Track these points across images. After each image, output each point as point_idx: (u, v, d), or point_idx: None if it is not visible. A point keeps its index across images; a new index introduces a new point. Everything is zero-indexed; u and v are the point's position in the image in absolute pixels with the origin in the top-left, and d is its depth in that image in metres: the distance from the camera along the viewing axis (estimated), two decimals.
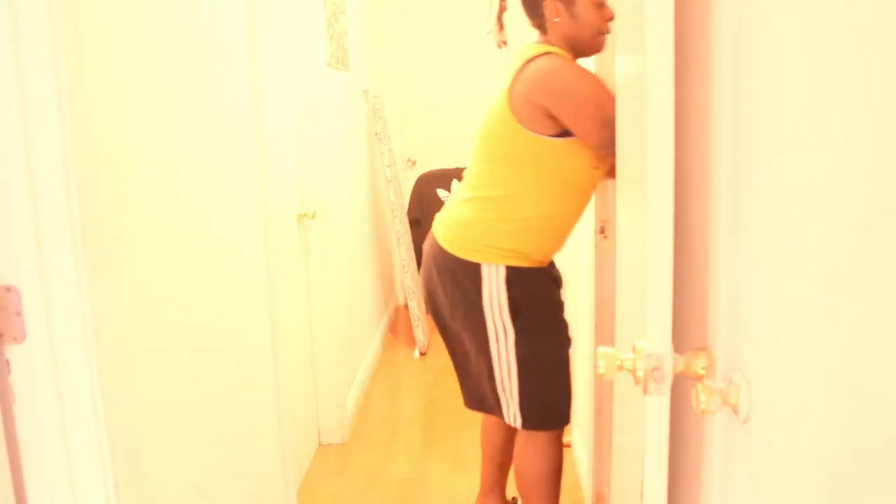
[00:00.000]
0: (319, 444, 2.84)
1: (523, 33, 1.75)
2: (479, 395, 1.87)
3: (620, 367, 0.86)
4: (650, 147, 0.80)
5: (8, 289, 0.88)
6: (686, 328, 0.98)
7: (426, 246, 1.81)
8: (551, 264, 1.84)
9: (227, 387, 1.53)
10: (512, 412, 1.74)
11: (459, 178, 4.59)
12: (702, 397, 0.77)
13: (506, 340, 1.70)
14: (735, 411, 0.76)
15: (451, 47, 4.73)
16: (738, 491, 0.79)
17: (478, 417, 3.07)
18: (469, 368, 1.86)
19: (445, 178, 4.47)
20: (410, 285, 3.90)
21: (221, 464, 1.48)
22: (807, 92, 0.59)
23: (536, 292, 1.72)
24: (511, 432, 2.00)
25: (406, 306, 4.78)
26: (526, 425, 1.74)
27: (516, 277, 1.67)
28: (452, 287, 1.73)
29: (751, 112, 0.72)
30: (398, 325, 4.45)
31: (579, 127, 1.57)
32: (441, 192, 4.45)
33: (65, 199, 0.90)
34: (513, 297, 1.67)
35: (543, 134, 1.60)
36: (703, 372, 0.84)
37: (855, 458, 0.53)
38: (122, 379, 1.06)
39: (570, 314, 2.75)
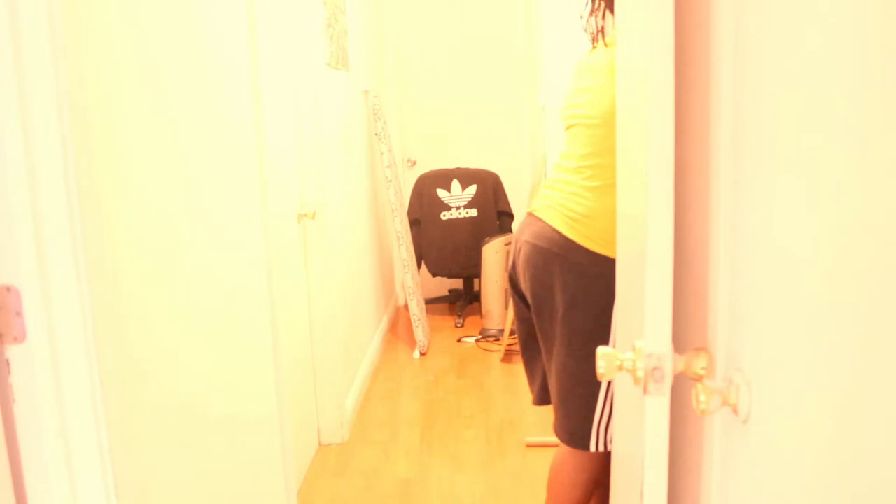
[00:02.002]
0: (319, 444, 2.84)
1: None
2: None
3: (620, 367, 0.86)
4: (651, 147, 0.80)
5: (8, 289, 0.88)
6: (686, 328, 0.98)
7: (533, 235, 1.56)
8: None
9: (227, 386, 1.53)
10: (602, 435, 1.59)
11: (459, 178, 4.60)
12: (702, 397, 0.77)
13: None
14: (735, 411, 0.76)
15: (451, 47, 4.73)
16: (738, 491, 0.79)
17: (478, 417, 3.07)
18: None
19: (445, 178, 4.47)
20: (410, 285, 3.90)
21: (221, 464, 1.48)
22: (807, 91, 0.59)
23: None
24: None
25: (406, 306, 4.78)
26: (611, 443, 1.61)
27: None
28: (573, 285, 1.50)
29: (751, 112, 0.72)
30: (398, 325, 4.45)
31: None
32: (441, 193, 4.45)
33: (65, 200, 0.90)
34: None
35: None
36: (703, 372, 0.84)
37: (855, 458, 0.53)
38: (122, 379, 1.06)
39: None
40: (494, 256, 4.20)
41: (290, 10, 2.51)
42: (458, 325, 4.41)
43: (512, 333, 4.20)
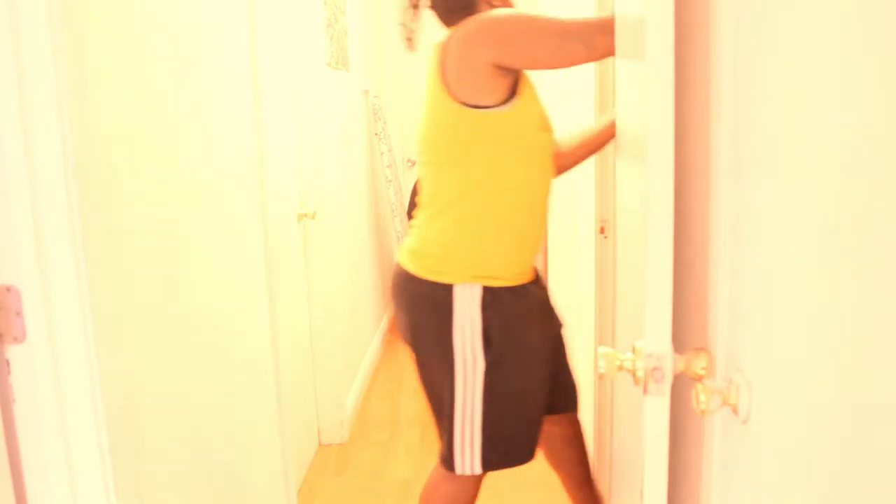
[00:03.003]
0: (319, 444, 2.84)
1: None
2: None
3: (620, 367, 0.86)
4: (651, 147, 0.80)
5: (8, 289, 0.88)
6: (686, 328, 0.98)
7: (393, 275, 1.63)
8: (536, 283, 1.63)
9: (227, 386, 1.53)
10: (467, 459, 1.54)
11: None
12: (702, 397, 0.77)
13: (474, 374, 1.50)
14: (735, 411, 0.76)
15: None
16: (738, 491, 0.79)
17: None
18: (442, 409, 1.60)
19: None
20: None
21: (221, 464, 1.48)
22: (807, 91, 0.59)
23: (515, 314, 1.51)
24: (575, 438, 1.83)
25: None
26: (483, 468, 1.55)
27: (492, 299, 1.48)
28: (420, 315, 1.55)
29: (751, 112, 0.72)
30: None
31: (535, 50, 1.40)
32: None
33: (65, 200, 0.90)
34: (487, 321, 1.48)
35: (485, 105, 1.42)
36: (703, 372, 0.84)
37: (855, 458, 0.53)
38: (122, 379, 1.06)
39: (570, 314, 2.74)
40: None
41: (290, 10, 2.51)
42: None
43: None
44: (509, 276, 1.51)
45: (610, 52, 1.40)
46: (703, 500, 0.91)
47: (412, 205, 4.42)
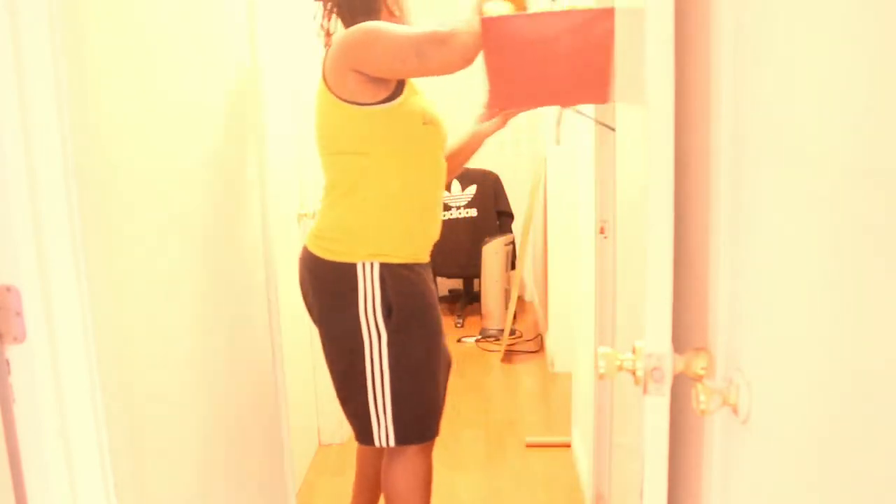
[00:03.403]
0: (319, 444, 2.84)
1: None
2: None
3: (620, 367, 0.86)
4: (651, 147, 0.80)
5: (8, 289, 0.88)
6: (686, 328, 0.98)
7: (300, 259, 1.73)
8: (430, 269, 1.76)
9: (227, 386, 1.53)
10: (383, 429, 1.65)
11: (459, 179, 4.60)
12: (702, 397, 0.77)
13: (379, 344, 1.61)
14: (735, 411, 0.76)
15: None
16: (738, 491, 0.79)
17: (478, 417, 3.07)
18: (349, 391, 1.69)
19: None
20: None
21: (221, 464, 1.48)
22: (807, 91, 0.59)
23: (410, 291, 1.64)
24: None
25: None
26: (398, 440, 1.65)
27: (389, 274, 1.61)
28: (327, 295, 1.65)
29: (751, 112, 0.72)
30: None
31: (383, 60, 1.54)
32: None
33: (65, 199, 0.90)
34: (385, 295, 1.60)
35: (365, 102, 1.57)
36: (703, 372, 0.84)
37: (855, 458, 0.53)
38: (122, 379, 1.06)
39: (570, 313, 2.74)
40: (494, 257, 4.20)
41: (291, 11, 2.51)
42: (458, 325, 4.41)
43: (512, 333, 4.20)
44: (403, 254, 1.64)
45: (446, 65, 1.53)
46: (703, 500, 0.91)
47: None
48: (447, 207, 4.56)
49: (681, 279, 0.98)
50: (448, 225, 4.46)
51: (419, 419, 1.68)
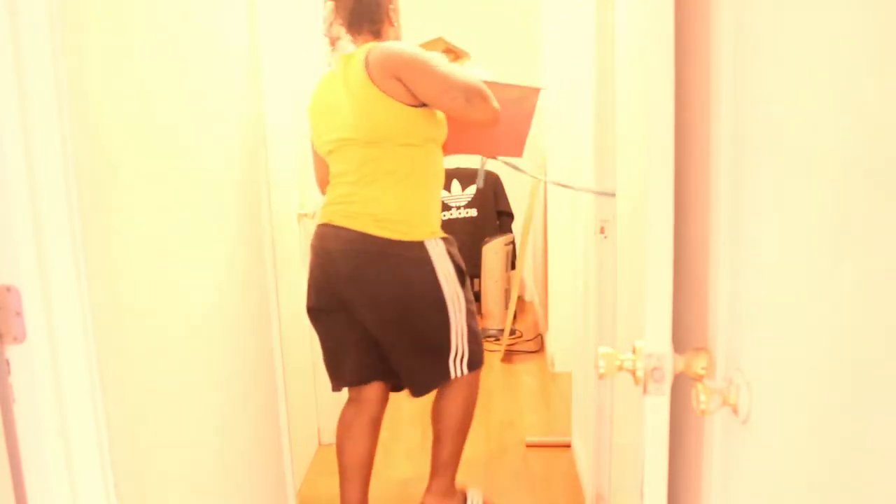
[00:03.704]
0: (319, 444, 2.84)
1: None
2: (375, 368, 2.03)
3: (620, 368, 0.86)
4: (651, 147, 0.80)
5: (8, 289, 0.88)
6: (686, 328, 0.98)
7: (339, 243, 1.88)
8: None
9: (228, 387, 1.53)
10: (459, 363, 1.98)
11: (459, 178, 4.60)
12: (702, 397, 0.77)
13: (455, 299, 1.94)
14: (735, 411, 0.76)
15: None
16: (738, 491, 0.79)
17: (478, 417, 3.07)
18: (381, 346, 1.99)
19: (445, 178, 4.47)
20: None
21: (221, 464, 1.48)
22: (807, 91, 0.59)
23: (456, 256, 1.98)
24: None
25: None
26: (471, 367, 2.00)
27: (446, 245, 1.94)
28: (407, 272, 1.87)
29: (751, 112, 0.72)
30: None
31: (429, 86, 1.80)
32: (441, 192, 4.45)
33: (65, 199, 0.90)
34: (451, 261, 1.94)
35: (408, 104, 1.82)
36: (703, 372, 0.84)
37: (855, 457, 0.53)
38: (122, 379, 1.06)
39: (570, 313, 2.74)
40: (494, 257, 4.20)
41: (291, 10, 2.51)
42: None
43: (512, 333, 4.20)
44: (439, 229, 1.97)
45: (485, 118, 1.81)
46: (703, 500, 0.91)
47: None
48: (447, 207, 4.56)
49: (681, 279, 0.98)
50: (448, 225, 4.46)
51: (480, 348, 2.05)
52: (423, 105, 1.83)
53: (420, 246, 1.88)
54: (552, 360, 3.65)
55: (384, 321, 1.91)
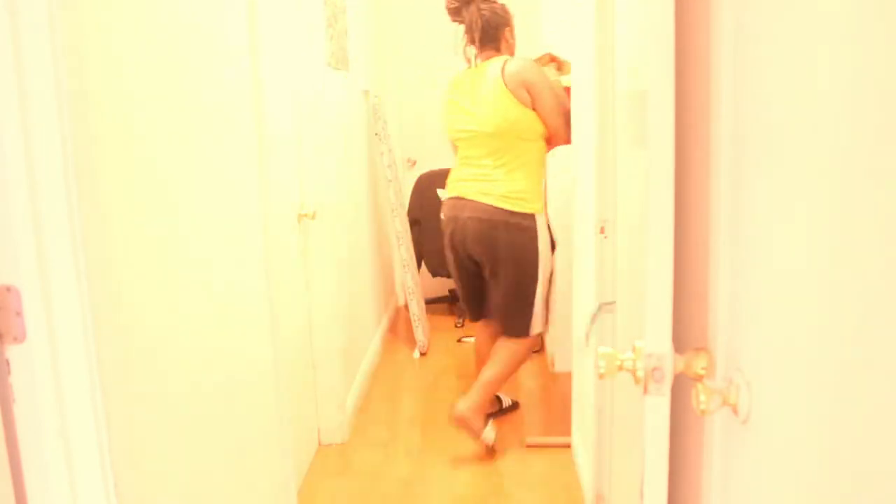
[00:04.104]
0: (319, 444, 2.84)
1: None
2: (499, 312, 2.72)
3: (620, 367, 0.86)
4: (651, 148, 0.80)
5: (8, 289, 0.88)
6: (686, 328, 0.98)
7: (476, 212, 2.58)
8: None
9: (228, 387, 1.53)
10: (539, 320, 2.64)
11: None
12: (702, 397, 0.77)
13: (546, 265, 2.60)
14: (735, 411, 0.76)
15: (450, 47, 4.73)
16: (738, 491, 0.79)
17: None
18: (498, 296, 2.68)
19: (445, 178, 4.46)
20: (410, 285, 3.90)
21: (222, 464, 1.48)
22: (807, 91, 0.59)
23: (550, 229, 2.65)
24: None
25: (406, 306, 4.77)
26: (533, 329, 2.65)
27: (546, 220, 2.61)
28: (518, 237, 2.55)
29: (751, 112, 0.72)
30: (398, 325, 4.46)
31: (545, 104, 2.54)
32: (441, 192, 4.44)
33: (65, 199, 0.90)
34: (549, 234, 2.62)
35: (527, 107, 2.53)
36: (703, 372, 0.84)
37: (855, 458, 0.53)
38: (122, 379, 1.06)
39: (570, 313, 2.75)
40: None
41: (291, 10, 2.51)
42: (458, 325, 4.40)
43: None
44: (543, 206, 2.63)
45: (566, 138, 2.61)
46: (703, 500, 0.91)
47: (414, 204, 4.42)
48: None
49: (681, 279, 0.98)
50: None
51: (546, 316, 2.71)
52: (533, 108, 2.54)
53: (531, 217, 2.55)
54: (552, 360, 3.65)
55: (494, 272, 2.60)
